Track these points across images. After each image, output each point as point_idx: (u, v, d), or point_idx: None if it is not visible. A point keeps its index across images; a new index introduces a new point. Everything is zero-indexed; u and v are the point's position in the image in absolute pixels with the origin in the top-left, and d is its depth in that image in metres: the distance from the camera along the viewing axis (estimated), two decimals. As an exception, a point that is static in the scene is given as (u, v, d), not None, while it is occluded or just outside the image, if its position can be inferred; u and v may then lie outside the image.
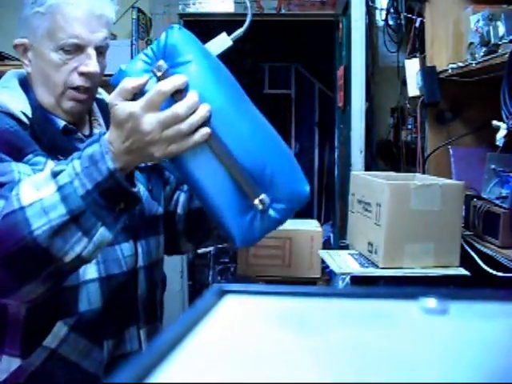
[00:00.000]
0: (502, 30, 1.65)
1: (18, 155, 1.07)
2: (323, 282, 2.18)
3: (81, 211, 0.93)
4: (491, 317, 0.50)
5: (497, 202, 1.64)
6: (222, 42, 1.21)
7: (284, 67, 6.01)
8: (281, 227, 2.37)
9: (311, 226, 2.30)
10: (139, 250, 1.22)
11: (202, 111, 0.94)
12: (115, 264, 1.16)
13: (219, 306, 0.52)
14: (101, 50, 1.17)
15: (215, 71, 1.02)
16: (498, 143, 1.63)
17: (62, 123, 1.19)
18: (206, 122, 0.94)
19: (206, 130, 0.94)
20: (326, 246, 3.02)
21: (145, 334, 1.22)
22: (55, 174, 0.96)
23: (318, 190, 6.03)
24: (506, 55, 1.54)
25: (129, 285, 1.19)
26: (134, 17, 3.04)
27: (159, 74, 0.94)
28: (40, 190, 0.95)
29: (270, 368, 0.39)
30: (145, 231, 1.24)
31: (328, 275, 2.14)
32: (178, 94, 0.93)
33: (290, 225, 2.35)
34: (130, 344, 1.19)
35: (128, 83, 0.93)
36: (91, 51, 1.14)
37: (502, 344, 0.45)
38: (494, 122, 1.63)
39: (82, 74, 1.14)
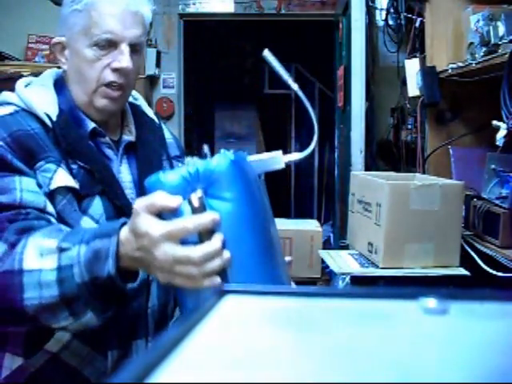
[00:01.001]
0: (501, 30, 1.65)
1: (31, 160, 1.07)
2: (323, 282, 2.18)
3: (73, 297, 0.94)
4: (491, 317, 0.50)
5: (497, 201, 1.64)
6: (273, 162, 1.14)
7: (284, 67, 6.01)
8: (281, 227, 2.37)
9: (311, 225, 2.30)
10: None
11: (222, 262, 0.87)
12: None
13: (219, 306, 0.52)
14: (136, 48, 1.16)
15: (252, 217, 0.97)
16: (497, 143, 1.63)
17: (91, 125, 1.17)
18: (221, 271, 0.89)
19: (217, 280, 0.88)
20: (326, 246, 3.02)
21: None
22: (61, 250, 0.95)
23: (318, 190, 6.03)
24: (506, 55, 1.54)
25: (140, 296, 1.16)
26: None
27: (195, 204, 0.88)
28: (43, 259, 0.95)
29: (270, 368, 0.39)
30: None
31: (328, 275, 2.15)
32: (204, 232, 0.88)
33: (290, 225, 2.35)
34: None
35: (159, 200, 0.89)
36: (125, 47, 1.13)
37: (502, 344, 0.45)
38: (494, 122, 1.63)
39: (114, 70, 1.14)
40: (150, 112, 1.34)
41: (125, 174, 1.21)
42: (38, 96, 1.15)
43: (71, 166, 1.10)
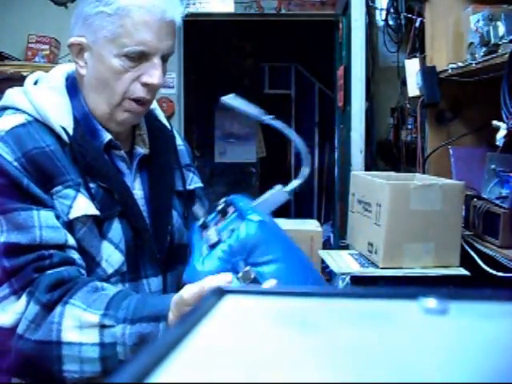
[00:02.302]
0: (502, 30, 1.65)
1: (48, 184, 1.00)
2: (323, 282, 2.18)
3: (114, 369, 0.91)
4: (491, 317, 0.50)
5: (497, 201, 1.64)
6: (278, 197, 1.16)
7: (284, 67, 6.02)
8: (281, 227, 2.36)
9: (311, 225, 2.30)
10: (168, 281, 1.15)
11: None
12: None
13: (219, 306, 0.52)
14: (166, 58, 1.07)
15: (298, 262, 1.01)
16: (497, 143, 1.63)
17: (107, 137, 1.08)
18: None
19: None
20: (326, 246, 3.02)
21: None
22: (103, 326, 0.92)
23: (318, 190, 6.03)
24: (506, 55, 1.54)
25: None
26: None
27: (249, 280, 0.86)
28: (82, 332, 0.92)
29: (270, 368, 0.39)
30: (174, 261, 1.16)
31: (328, 275, 2.14)
32: None
33: (290, 225, 2.35)
34: None
35: (209, 285, 0.86)
36: (157, 60, 1.04)
37: (502, 344, 0.45)
38: (494, 122, 1.63)
39: (144, 85, 1.05)
40: (162, 117, 1.25)
41: (137, 189, 1.13)
42: (51, 104, 1.05)
43: (90, 185, 1.03)
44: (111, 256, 1.05)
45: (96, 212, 1.02)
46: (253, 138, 5.69)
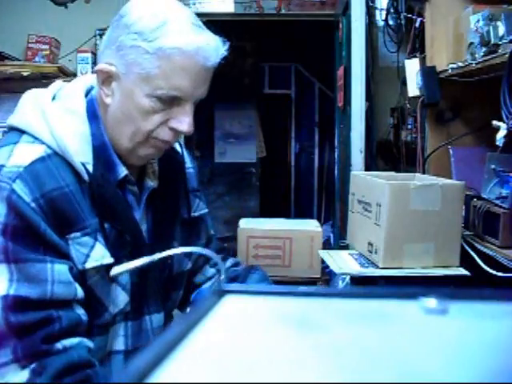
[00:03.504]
0: (501, 29, 1.65)
1: (65, 229, 0.95)
2: (323, 282, 2.18)
3: None
4: (491, 317, 0.50)
5: (497, 201, 1.64)
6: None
7: (284, 67, 6.02)
8: (281, 227, 2.37)
9: (311, 225, 2.30)
10: (167, 309, 1.16)
11: None
12: (143, 336, 1.09)
13: (219, 306, 0.52)
14: (197, 102, 1.04)
15: None
16: (497, 143, 1.63)
17: (123, 172, 1.04)
18: None
19: None
20: (326, 246, 3.02)
21: None
22: None
23: (317, 190, 6.03)
24: (506, 55, 1.54)
25: None
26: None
27: None
28: None
29: (270, 368, 0.39)
30: (170, 289, 1.16)
31: (328, 275, 2.14)
32: None
33: (290, 225, 2.35)
34: None
35: None
36: (189, 107, 1.00)
37: (502, 344, 0.45)
38: (494, 122, 1.63)
39: (172, 129, 1.01)
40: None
41: (142, 223, 1.10)
42: (71, 134, 0.99)
43: (105, 226, 1.00)
44: (118, 297, 1.04)
45: (110, 260, 1.00)
46: (253, 138, 5.69)
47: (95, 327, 1.02)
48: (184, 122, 1.00)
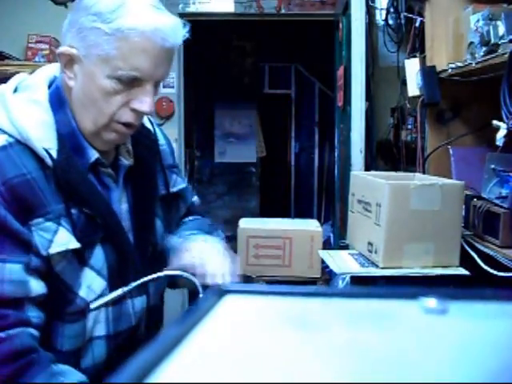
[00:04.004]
0: (501, 29, 1.65)
1: (27, 215, 0.96)
2: (323, 282, 2.18)
3: None
4: (491, 317, 0.50)
5: (497, 201, 1.64)
6: None
7: (284, 67, 6.02)
8: (281, 227, 2.36)
9: (311, 225, 2.30)
10: (150, 291, 1.15)
11: None
12: (125, 320, 1.10)
13: (219, 306, 0.52)
14: (158, 83, 1.04)
15: None
16: (497, 143, 1.63)
17: (94, 156, 1.05)
18: None
19: None
20: (326, 246, 3.02)
21: None
22: None
23: (317, 190, 6.03)
24: (506, 55, 1.54)
25: (138, 335, 1.13)
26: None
27: None
28: None
29: (269, 367, 0.39)
30: (154, 268, 1.14)
31: (328, 275, 2.14)
32: None
33: (290, 225, 2.35)
34: None
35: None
36: (150, 87, 1.00)
37: (502, 344, 0.45)
38: (494, 122, 1.63)
39: (133, 111, 1.01)
40: (146, 120, 1.21)
41: (123, 202, 1.11)
42: (33, 122, 0.99)
43: (72, 211, 1.00)
44: (93, 283, 1.04)
45: (77, 245, 1.00)
46: (253, 137, 5.69)
47: (67, 314, 1.02)
48: (145, 102, 1.00)
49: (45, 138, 0.99)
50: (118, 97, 1.00)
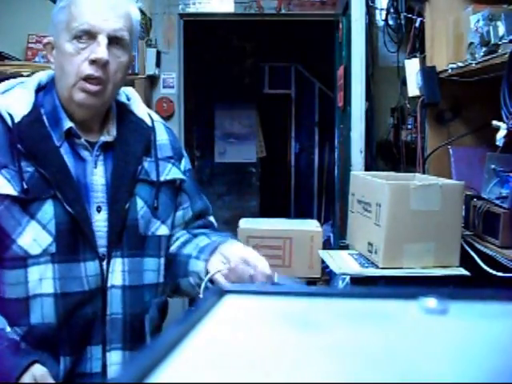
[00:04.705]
0: (501, 30, 1.65)
1: None
2: (323, 282, 2.18)
3: None
4: (491, 317, 0.50)
5: (497, 201, 1.64)
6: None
7: (284, 67, 6.02)
8: (281, 227, 2.36)
9: (311, 226, 2.30)
10: (117, 268, 1.17)
11: None
12: (75, 282, 1.13)
13: (219, 306, 0.52)
14: (117, 41, 1.15)
15: None
16: (497, 143, 1.63)
17: (67, 125, 1.17)
18: None
19: None
20: (326, 246, 3.02)
21: (116, 356, 1.17)
22: None
23: (317, 190, 6.03)
24: (506, 55, 1.54)
25: (94, 304, 1.15)
26: (134, 17, 3.03)
27: None
28: None
29: (270, 368, 0.39)
30: (130, 249, 1.20)
31: (328, 275, 2.14)
32: None
33: (290, 225, 2.35)
34: (90, 364, 1.15)
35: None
36: (102, 39, 1.12)
37: (502, 344, 0.45)
38: (494, 122, 1.63)
39: (92, 63, 1.12)
40: (141, 111, 1.30)
41: (98, 176, 1.19)
42: (10, 96, 1.16)
43: (26, 169, 1.11)
44: (39, 236, 1.11)
45: (11, 192, 1.09)
46: (253, 137, 5.69)
47: (5, 260, 1.11)
48: (97, 50, 1.12)
49: (14, 106, 1.14)
50: (79, 56, 1.13)
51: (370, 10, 3.00)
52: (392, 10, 2.81)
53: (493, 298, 0.53)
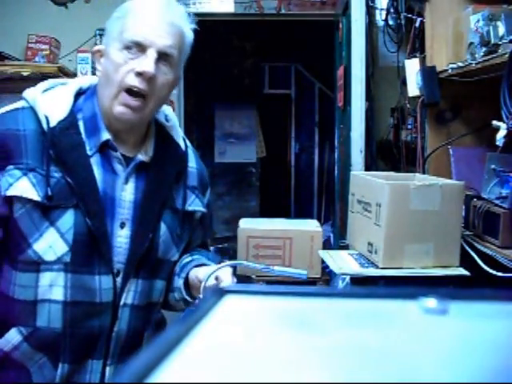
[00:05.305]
0: (501, 30, 1.65)
1: (4, 161, 1.09)
2: (323, 282, 2.18)
3: None
4: (491, 317, 0.50)
5: (497, 201, 1.64)
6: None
7: (284, 67, 6.02)
8: (281, 227, 2.36)
9: (311, 226, 2.30)
10: (131, 287, 1.17)
11: None
12: (87, 293, 1.13)
13: (219, 306, 0.52)
14: (166, 58, 1.14)
15: None
16: (497, 143, 1.63)
17: (104, 137, 1.16)
18: None
19: None
20: (326, 246, 3.02)
21: (114, 372, 1.17)
22: None
23: (318, 190, 6.03)
24: (506, 55, 1.54)
25: (102, 318, 1.15)
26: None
27: None
28: None
29: (270, 368, 0.39)
30: (146, 271, 1.20)
31: (328, 275, 2.15)
32: None
33: (290, 225, 2.35)
34: (89, 376, 1.15)
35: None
36: (151, 53, 1.11)
37: (502, 344, 0.45)
38: (494, 122, 1.63)
39: (138, 75, 1.11)
40: (177, 136, 1.30)
41: (127, 192, 1.18)
42: (49, 98, 1.15)
43: (53, 174, 1.10)
44: (55, 243, 1.10)
45: (34, 197, 1.09)
46: (253, 138, 5.68)
47: (19, 262, 1.12)
48: (144, 63, 1.11)
49: (52, 109, 1.13)
50: (126, 66, 1.12)
51: (370, 10, 3.00)
52: (392, 10, 2.82)
53: (493, 298, 0.53)
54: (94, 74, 2.86)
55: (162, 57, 1.13)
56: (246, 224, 2.28)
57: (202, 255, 1.31)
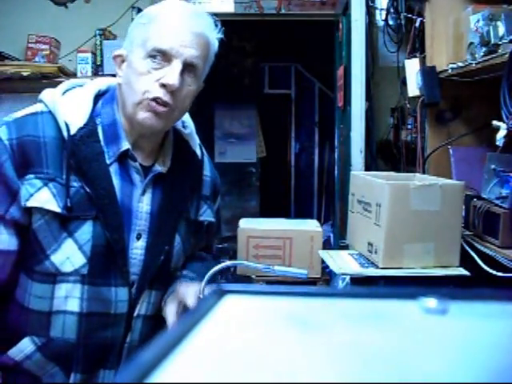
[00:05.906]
0: (501, 30, 1.65)
1: (25, 169, 1.06)
2: (323, 282, 2.18)
3: None
4: (491, 317, 0.50)
5: (497, 202, 1.64)
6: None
7: (284, 67, 6.01)
8: (281, 227, 2.36)
9: (311, 225, 2.30)
10: (145, 299, 1.17)
11: None
12: (103, 304, 1.12)
13: (219, 306, 0.52)
14: (191, 69, 1.11)
15: None
16: (497, 143, 1.63)
17: (125, 146, 1.13)
18: None
19: None
20: (326, 246, 3.02)
21: None
22: None
23: (317, 190, 6.03)
24: (506, 55, 1.54)
25: (116, 329, 1.14)
26: (134, 17, 3.03)
27: None
28: None
29: (269, 368, 0.39)
30: (159, 283, 1.20)
31: (328, 275, 2.14)
32: None
33: (290, 225, 2.35)
34: None
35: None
36: (177, 64, 1.08)
37: (502, 344, 0.45)
38: (494, 122, 1.63)
39: (162, 86, 1.08)
40: (195, 144, 1.28)
41: (144, 204, 1.16)
42: (67, 102, 1.12)
43: (72, 184, 1.07)
44: (73, 255, 1.08)
45: (55, 209, 1.06)
46: (253, 137, 5.68)
47: (35, 273, 1.10)
48: (171, 75, 1.07)
49: (72, 115, 1.10)
50: (150, 75, 1.08)
51: (370, 10, 3.00)
52: (392, 10, 2.82)
53: (493, 297, 0.53)
54: (94, 73, 2.87)
55: (187, 67, 1.10)
56: (246, 224, 2.28)
57: (192, 267, 1.30)
